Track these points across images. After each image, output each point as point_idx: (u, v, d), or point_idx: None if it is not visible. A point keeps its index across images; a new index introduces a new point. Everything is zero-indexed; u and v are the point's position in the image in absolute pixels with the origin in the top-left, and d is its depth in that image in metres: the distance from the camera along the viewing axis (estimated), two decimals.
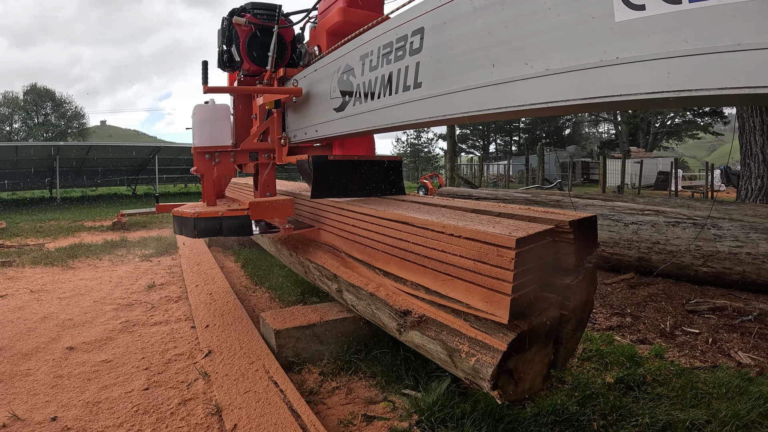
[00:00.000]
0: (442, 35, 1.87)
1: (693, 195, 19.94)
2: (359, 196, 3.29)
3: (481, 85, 1.70)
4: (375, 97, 2.33)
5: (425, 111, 1.99)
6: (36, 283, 5.17)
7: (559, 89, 1.44)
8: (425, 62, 1.97)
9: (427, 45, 1.94)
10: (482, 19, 1.68)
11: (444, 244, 2.02)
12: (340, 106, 2.70)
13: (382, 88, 2.26)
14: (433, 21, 1.93)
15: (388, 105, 2.24)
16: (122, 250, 7.08)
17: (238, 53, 3.53)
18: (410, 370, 2.76)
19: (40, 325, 3.74)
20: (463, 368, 1.84)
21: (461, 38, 1.78)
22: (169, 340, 3.46)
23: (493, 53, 1.64)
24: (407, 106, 2.10)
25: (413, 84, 2.04)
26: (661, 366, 2.87)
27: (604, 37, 1.31)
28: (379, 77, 2.28)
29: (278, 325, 3.04)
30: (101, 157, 19.64)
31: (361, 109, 2.47)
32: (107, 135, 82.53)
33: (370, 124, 2.40)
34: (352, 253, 2.92)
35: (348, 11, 3.23)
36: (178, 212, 3.28)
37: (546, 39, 1.47)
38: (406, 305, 2.22)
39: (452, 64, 1.83)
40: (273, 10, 3.55)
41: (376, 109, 2.34)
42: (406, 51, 2.08)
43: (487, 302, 1.81)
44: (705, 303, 4.02)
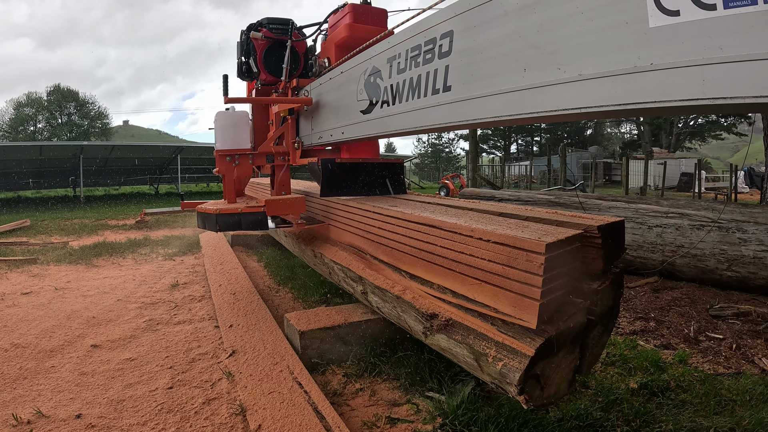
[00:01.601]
0: (472, 39, 1.85)
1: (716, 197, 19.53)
2: (364, 194, 3.48)
3: (513, 90, 1.68)
4: (403, 99, 2.33)
5: (455, 115, 1.99)
6: (60, 280, 5.25)
7: (592, 95, 1.42)
8: (455, 66, 1.97)
9: (457, 48, 1.95)
10: (513, 22, 1.66)
11: (472, 248, 2.00)
12: (367, 108, 2.70)
13: (411, 91, 2.26)
14: (462, 24, 1.92)
15: (416, 108, 2.23)
16: (145, 249, 7.16)
17: (255, 65, 3.86)
18: (434, 373, 2.74)
19: (65, 323, 3.79)
20: (490, 372, 1.82)
21: (492, 42, 1.76)
22: (193, 339, 3.47)
23: (525, 57, 1.63)
24: (436, 110, 2.09)
25: (443, 87, 2.04)
26: (684, 372, 2.84)
27: (639, 43, 1.30)
28: (407, 80, 2.27)
29: (303, 326, 3.02)
30: (125, 156, 19.98)
31: (389, 112, 2.47)
32: (130, 135, 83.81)
33: (398, 127, 2.40)
34: (377, 255, 2.92)
35: (354, 26, 3.45)
36: (202, 209, 3.57)
37: (579, 43, 1.45)
38: (432, 308, 2.22)
39: (482, 68, 1.81)
40: (286, 24, 3.85)
41: (404, 112, 2.33)
42: (435, 54, 2.07)
43: (515, 307, 1.80)
44: (729, 308, 3.97)
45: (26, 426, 2.34)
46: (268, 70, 3.90)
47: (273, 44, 3.87)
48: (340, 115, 3.10)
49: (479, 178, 15.81)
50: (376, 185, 3.59)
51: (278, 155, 3.88)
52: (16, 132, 42.22)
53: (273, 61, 3.88)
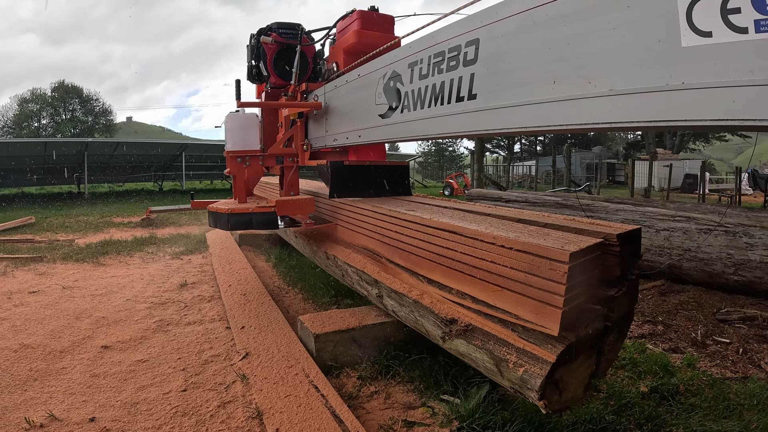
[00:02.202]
0: (499, 48, 1.83)
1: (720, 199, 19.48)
2: (371, 196, 3.58)
3: (542, 101, 1.67)
4: (425, 105, 2.32)
5: (480, 123, 1.98)
6: (67, 279, 5.22)
7: (623, 110, 1.43)
8: (480, 74, 1.96)
9: (483, 57, 1.94)
10: (542, 34, 1.65)
11: (494, 255, 2.00)
12: (386, 113, 2.70)
13: (433, 97, 2.25)
14: (489, 33, 1.91)
15: (439, 115, 2.22)
16: (152, 248, 7.13)
17: (265, 68, 3.94)
18: (448, 376, 2.72)
19: (74, 323, 3.75)
20: (510, 378, 1.84)
21: (519, 52, 1.76)
22: (205, 340, 3.43)
23: (554, 69, 1.62)
24: (461, 117, 2.09)
25: (467, 95, 2.03)
26: (693, 376, 2.86)
27: (671, 62, 1.30)
28: (430, 86, 2.27)
29: (317, 329, 3.00)
30: (129, 153, 19.97)
31: (410, 117, 2.46)
32: (133, 131, 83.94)
33: (420, 132, 2.40)
34: (393, 259, 2.92)
35: (362, 33, 3.53)
36: (213, 208, 3.63)
37: (610, 59, 1.45)
38: (451, 314, 2.22)
39: (509, 78, 1.80)
40: (295, 29, 3.96)
41: (426, 118, 2.32)
42: (460, 61, 2.06)
43: (536, 314, 1.81)
44: (735, 312, 3.99)
45: (39, 430, 2.30)
46: (278, 74, 3.98)
47: (282, 49, 3.96)
48: (357, 118, 3.09)
49: (485, 178, 15.73)
50: (383, 187, 3.69)
51: (287, 157, 3.96)
52: (20, 128, 42.21)
53: (282, 65, 3.97)
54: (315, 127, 3.91)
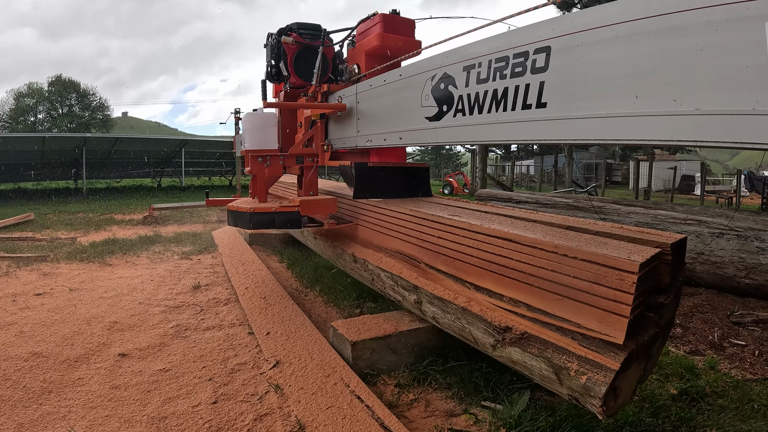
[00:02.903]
0: (574, 58, 1.79)
1: (717, 200, 19.46)
2: (393, 197, 3.60)
3: (623, 114, 1.66)
4: (484, 110, 2.25)
5: (550, 132, 1.91)
6: (74, 280, 5.01)
7: (708, 130, 1.43)
8: (551, 83, 1.87)
9: (555, 65, 1.85)
10: (625, 47, 1.63)
11: (555, 264, 1.98)
12: (435, 115, 2.59)
13: (494, 102, 2.18)
14: (563, 42, 1.83)
15: (502, 121, 2.15)
16: (159, 247, 6.91)
17: (285, 69, 3.96)
18: (489, 383, 2.65)
19: (85, 328, 3.54)
20: (571, 385, 1.83)
21: (598, 64, 1.72)
22: (228, 347, 3.24)
23: (637, 84, 1.60)
24: (528, 125, 2.00)
25: (535, 103, 1.94)
26: (717, 378, 2.91)
27: (758, 86, 1.31)
28: (490, 91, 2.19)
29: (354, 336, 2.86)
30: (127, 149, 19.66)
31: (465, 122, 2.37)
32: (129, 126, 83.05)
33: (478, 137, 2.32)
34: (435, 265, 2.80)
35: (385, 36, 3.57)
36: (234, 207, 3.56)
37: (697, 79, 1.45)
38: (504, 321, 2.14)
39: (585, 89, 1.77)
40: (316, 30, 4.00)
41: (486, 123, 2.24)
42: (527, 68, 1.97)
43: (600, 323, 1.80)
44: (749, 315, 4.08)
45: None
46: (298, 74, 3.99)
47: (303, 49, 3.96)
48: (397, 120, 2.97)
49: (489, 178, 15.54)
50: (405, 188, 3.72)
51: (307, 157, 3.93)
52: (16, 123, 41.71)
53: (302, 66, 3.98)
54: (338, 127, 3.87)
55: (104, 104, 48.21)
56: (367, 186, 3.52)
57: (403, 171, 3.77)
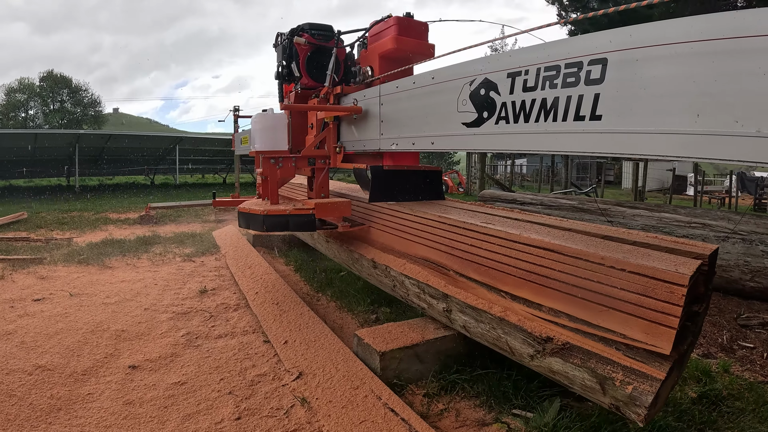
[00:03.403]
0: (632, 72, 1.76)
1: (710, 201, 19.55)
2: (407, 200, 3.62)
3: (682, 132, 1.66)
4: (531, 119, 2.18)
5: (604, 145, 1.90)
6: (73, 284, 4.81)
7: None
8: (607, 95, 1.84)
9: (611, 78, 1.83)
10: (686, 67, 1.62)
11: (601, 276, 1.98)
12: (474, 122, 2.48)
13: (543, 111, 2.11)
14: (621, 55, 1.80)
15: (551, 131, 2.08)
16: (159, 248, 6.71)
17: (297, 69, 3.92)
18: (519, 390, 2.59)
19: (90, 338, 3.36)
20: (615, 395, 1.84)
21: (658, 80, 1.71)
22: (244, 357, 3.08)
23: (698, 103, 1.60)
24: (580, 137, 1.96)
25: (589, 115, 1.91)
26: (732, 381, 2.92)
27: None
28: (538, 100, 2.13)
29: (382, 346, 2.73)
30: (121, 146, 19.31)
31: (509, 130, 2.29)
32: (120, 122, 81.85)
33: (523, 146, 2.24)
34: (466, 273, 2.70)
35: (400, 39, 3.53)
36: (246, 209, 3.49)
37: (759, 102, 1.46)
38: (545, 332, 2.11)
39: (643, 104, 1.75)
40: (328, 30, 3.99)
41: (531, 132, 2.18)
42: (581, 79, 1.93)
43: (647, 333, 1.81)
44: (755, 318, 4.15)
45: None
46: (310, 75, 3.96)
47: (315, 50, 3.93)
48: (428, 123, 2.86)
49: (488, 178, 15.43)
50: (420, 191, 3.75)
51: (319, 159, 3.90)
52: (7, 118, 41.00)
53: (314, 67, 3.95)
54: (353, 129, 3.80)
55: (96, 100, 47.65)
56: (383, 189, 3.55)
57: (417, 174, 3.77)
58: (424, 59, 3.81)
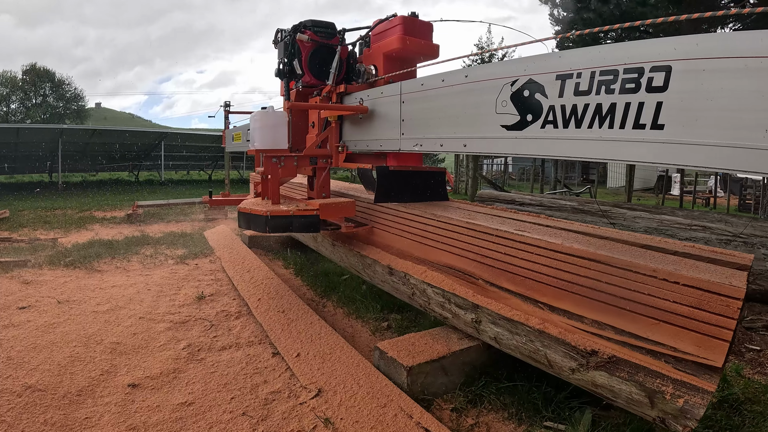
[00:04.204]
0: (698, 82, 1.69)
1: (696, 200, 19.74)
2: (412, 201, 3.56)
3: (750, 147, 1.61)
4: (582, 125, 2.06)
5: (667, 155, 1.82)
6: (61, 290, 4.49)
7: None
8: (670, 105, 1.76)
9: (675, 87, 1.75)
10: (756, 81, 1.56)
11: (652, 288, 1.93)
12: (516, 124, 2.31)
13: (597, 117, 1.98)
14: (686, 64, 1.72)
15: (608, 138, 1.96)
16: (149, 249, 6.40)
17: (300, 67, 3.83)
18: (549, 401, 2.48)
19: (83, 352, 3.08)
20: (665, 409, 1.80)
21: (725, 92, 1.64)
22: (253, 371, 2.84)
23: (766, 118, 1.55)
24: (640, 146, 1.87)
25: (650, 123, 1.82)
26: (746, 384, 2.89)
27: None
28: (592, 105, 1.99)
29: (408, 360, 2.55)
30: (105, 141, 18.73)
31: (557, 135, 2.14)
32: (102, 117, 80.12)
33: (574, 153, 2.11)
34: (498, 282, 2.54)
35: (406, 39, 3.50)
36: (247, 209, 3.37)
37: None
38: (589, 345, 2.03)
39: (710, 116, 1.68)
40: (330, 28, 3.91)
41: (586, 138, 2.03)
42: (641, 86, 1.83)
43: (699, 346, 1.78)
44: (759, 320, 4.18)
45: None
46: (313, 73, 3.87)
47: (317, 47, 3.84)
48: (459, 124, 2.66)
49: (480, 177, 15.31)
50: (424, 192, 3.70)
51: (321, 158, 3.81)
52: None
53: (316, 64, 3.86)
54: (359, 129, 3.70)
55: (79, 94, 46.57)
56: (388, 190, 3.51)
57: (422, 175, 3.72)
58: (428, 59, 3.80)
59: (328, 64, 3.80)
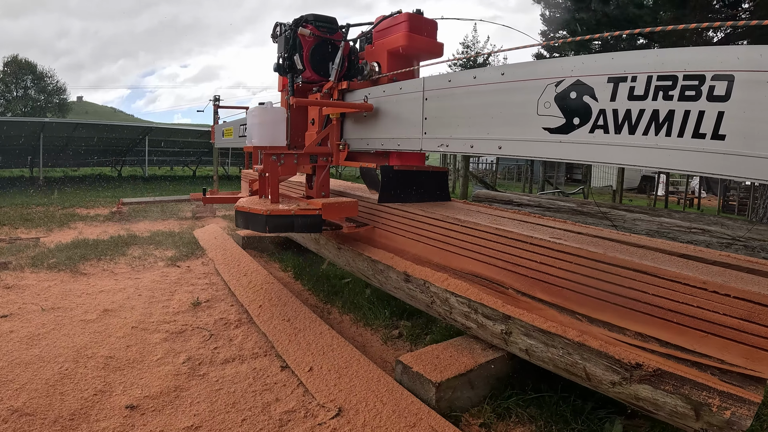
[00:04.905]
0: (763, 94, 1.63)
1: (679, 202, 19.99)
2: (416, 201, 3.49)
3: None
4: (637, 131, 1.96)
5: (729, 167, 1.75)
6: (45, 296, 4.18)
7: None
8: (733, 115, 1.70)
9: (738, 98, 1.69)
10: None
11: (701, 300, 1.89)
12: (561, 127, 2.18)
13: (654, 124, 1.91)
14: (749, 75, 1.66)
15: (664, 146, 1.88)
16: (137, 250, 6.08)
17: (301, 62, 3.72)
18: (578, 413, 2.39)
19: (74, 368, 2.80)
20: (711, 421, 1.78)
21: None
22: (262, 388, 2.60)
23: None
24: (700, 156, 1.80)
25: (711, 133, 1.76)
26: None
27: None
28: (648, 111, 1.91)
29: (436, 376, 2.38)
30: (88, 136, 18.09)
31: (608, 140, 2.04)
32: (84, 111, 78.23)
33: (626, 160, 2.00)
34: (531, 292, 2.41)
35: (413, 37, 3.45)
36: (245, 208, 3.23)
37: None
38: (632, 357, 1.97)
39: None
40: (332, 23, 3.81)
41: (640, 146, 1.93)
42: (702, 94, 1.77)
43: (747, 359, 1.78)
44: None
45: None
46: (314, 69, 3.77)
47: (319, 42, 3.74)
48: (494, 125, 2.49)
49: (471, 176, 15.19)
50: (428, 192, 3.64)
51: (321, 156, 3.67)
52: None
53: (317, 60, 3.75)
54: (363, 127, 3.58)
55: (61, 87, 45.57)
56: (393, 190, 3.44)
57: (426, 175, 3.65)
58: (432, 58, 3.74)
59: (330, 60, 3.71)
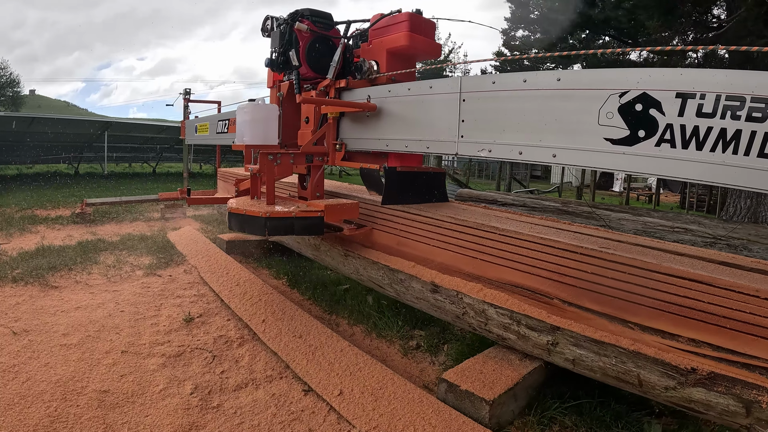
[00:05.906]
0: None
1: (639, 198, 20.61)
2: (416, 203, 3.47)
3: None
4: (704, 148, 1.97)
5: None
6: (14, 315, 3.65)
7: None
8: None
9: None
10: None
11: (753, 306, 1.97)
12: (625, 139, 2.15)
13: (721, 142, 1.93)
14: None
15: (731, 164, 1.91)
16: (109, 257, 5.54)
17: (297, 58, 3.60)
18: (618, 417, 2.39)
19: (65, 408, 2.38)
20: (760, 416, 1.84)
21: None
22: (290, 418, 2.30)
23: None
24: (763, 174, 1.83)
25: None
26: None
27: None
28: (716, 129, 1.94)
29: (487, 393, 2.28)
30: (44, 131, 16.87)
31: (675, 155, 2.03)
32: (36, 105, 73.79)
33: (693, 175, 2.01)
34: (579, 302, 2.38)
35: (413, 37, 3.41)
36: (240, 210, 3.09)
37: None
38: (687, 363, 2.04)
39: None
40: (328, 19, 3.76)
41: (706, 162, 1.96)
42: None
43: None
44: None
45: None
46: (311, 65, 3.65)
47: (316, 38, 3.64)
48: (546, 132, 2.39)
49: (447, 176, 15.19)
50: (428, 193, 3.62)
51: (317, 156, 3.62)
52: None
53: (313, 56, 3.64)
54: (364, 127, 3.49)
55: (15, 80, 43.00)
56: (396, 192, 3.39)
57: (426, 176, 3.61)
58: (430, 58, 3.72)
59: (326, 57, 3.61)
